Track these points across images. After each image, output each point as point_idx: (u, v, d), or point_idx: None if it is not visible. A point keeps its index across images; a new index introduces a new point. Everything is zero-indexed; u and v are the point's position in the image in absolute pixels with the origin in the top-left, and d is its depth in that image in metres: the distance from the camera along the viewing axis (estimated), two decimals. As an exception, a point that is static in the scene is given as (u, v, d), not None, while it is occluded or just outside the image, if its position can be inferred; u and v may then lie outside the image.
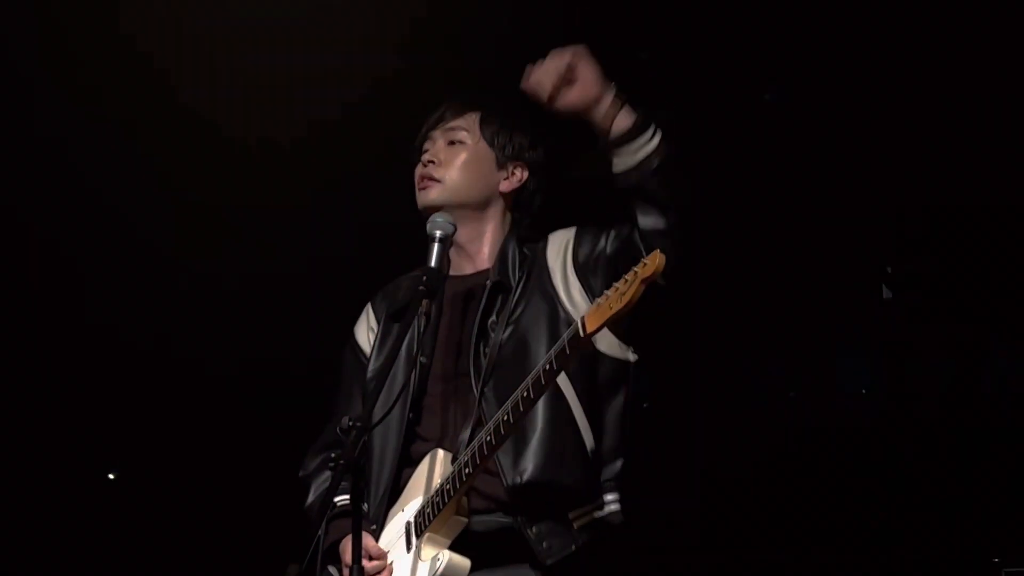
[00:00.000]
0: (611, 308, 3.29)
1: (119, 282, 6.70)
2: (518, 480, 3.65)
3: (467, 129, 3.90)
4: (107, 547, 7.19)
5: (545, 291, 3.80)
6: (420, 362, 3.79)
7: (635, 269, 3.27)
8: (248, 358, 6.95)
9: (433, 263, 3.68)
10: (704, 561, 6.75)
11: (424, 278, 3.63)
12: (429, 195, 3.87)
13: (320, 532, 3.42)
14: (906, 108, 6.19)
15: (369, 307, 4.07)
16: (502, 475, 3.66)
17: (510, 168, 3.94)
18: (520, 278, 3.84)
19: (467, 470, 3.54)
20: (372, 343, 3.99)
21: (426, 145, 3.92)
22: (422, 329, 3.73)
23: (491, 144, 3.91)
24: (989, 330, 6.86)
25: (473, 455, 3.53)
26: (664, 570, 6.58)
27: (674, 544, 6.67)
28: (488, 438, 3.51)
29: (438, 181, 3.87)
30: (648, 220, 3.63)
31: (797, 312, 6.86)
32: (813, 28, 5.76)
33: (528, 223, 3.99)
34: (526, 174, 3.95)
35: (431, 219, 3.76)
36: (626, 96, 3.64)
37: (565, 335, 3.39)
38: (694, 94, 5.95)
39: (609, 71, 3.66)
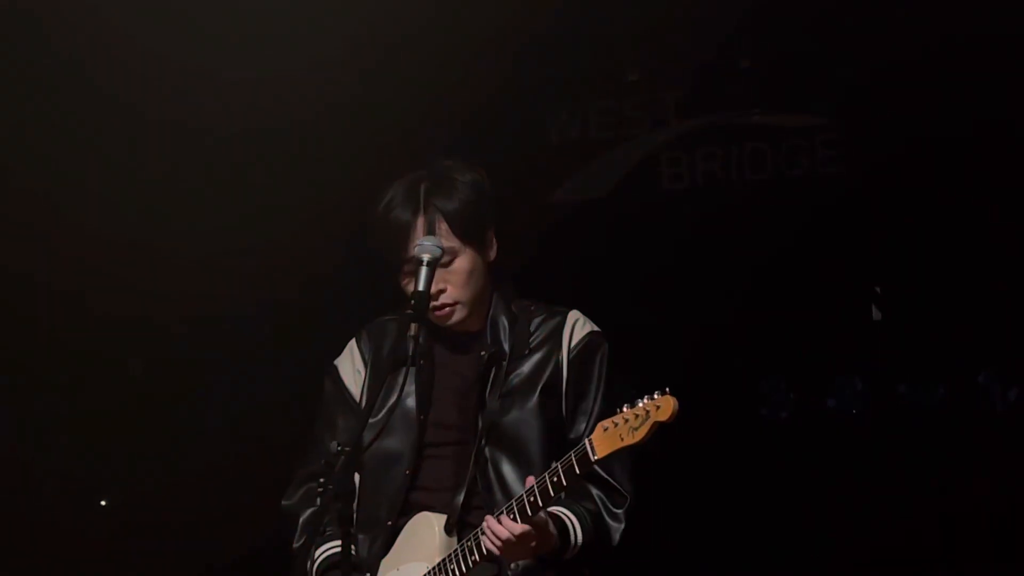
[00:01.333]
0: (622, 440, 3.38)
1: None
2: (513, 567, 3.70)
3: (448, 243, 3.82)
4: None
5: (556, 365, 3.86)
6: (420, 418, 3.83)
7: (646, 406, 3.36)
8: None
9: (421, 287, 3.68)
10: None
11: (412, 302, 3.64)
12: (453, 319, 3.85)
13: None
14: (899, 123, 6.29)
15: (354, 344, 4.05)
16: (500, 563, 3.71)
17: (488, 242, 3.92)
18: (511, 343, 3.88)
19: (473, 556, 3.62)
20: (360, 384, 3.99)
21: (409, 268, 3.83)
22: (413, 364, 3.72)
23: (471, 242, 3.86)
24: (976, 351, 6.87)
25: (477, 543, 3.61)
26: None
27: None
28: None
29: (454, 304, 3.84)
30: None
31: (791, 332, 6.87)
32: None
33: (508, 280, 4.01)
34: (494, 229, 3.94)
35: (419, 242, 3.75)
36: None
37: (573, 452, 3.47)
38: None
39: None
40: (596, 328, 3.92)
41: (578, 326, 3.90)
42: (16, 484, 7.05)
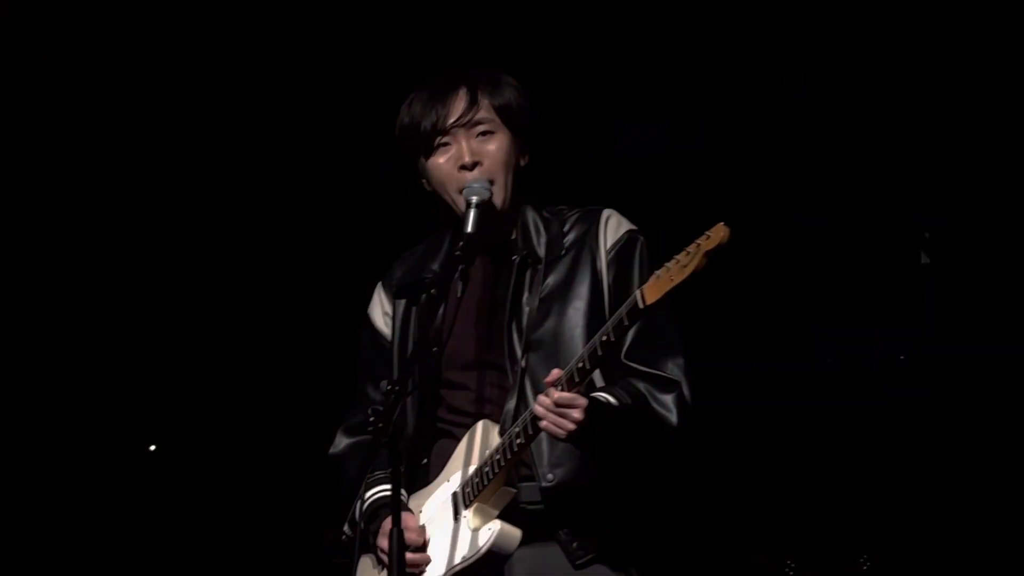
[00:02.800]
0: (672, 280, 3.26)
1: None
2: (550, 478, 3.67)
3: (491, 118, 3.84)
4: (143, 518, 7.25)
5: (593, 264, 3.80)
6: (447, 339, 3.79)
7: (698, 241, 3.23)
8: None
9: (470, 228, 3.68)
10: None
11: (461, 244, 3.64)
12: (487, 194, 3.79)
13: (359, 510, 3.42)
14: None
15: (380, 288, 4.06)
16: (535, 472, 3.67)
17: (523, 142, 3.92)
18: (547, 247, 3.84)
19: (519, 440, 3.55)
20: (391, 325, 3.98)
21: (446, 140, 3.84)
22: (460, 295, 3.72)
23: (509, 124, 3.86)
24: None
25: (525, 426, 3.53)
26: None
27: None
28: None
29: (492, 181, 3.81)
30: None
31: (837, 279, 6.84)
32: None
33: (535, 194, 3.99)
34: (531, 148, 3.95)
35: (468, 185, 3.76)
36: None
37: (623, 306, 3.38)
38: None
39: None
40: (632, 226, 3.87)
41: (612, 224, 3.85)
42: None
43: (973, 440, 6.62)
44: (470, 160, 3.80)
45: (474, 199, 3.72)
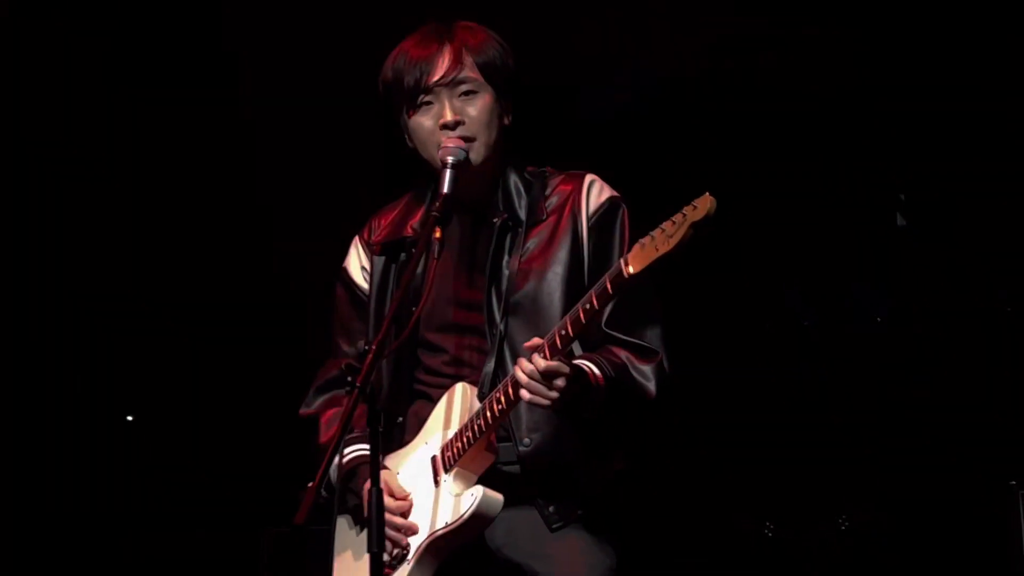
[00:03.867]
0: (657, 250, 3.25)
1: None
2: (527, 442, 3.68)
3: (474, 78, 3.83)
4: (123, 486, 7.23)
5: (574, 230, 3.80)
6: (426, 298, 3.75)
7: (683, 211, 3.22)
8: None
9: (446, 189, 3.69)
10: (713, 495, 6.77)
11: (437, 204, 3.63)
12: (472, 157, 3.81)
13: (335, 461, 3.41)
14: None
15: (358, 242, 4.06)
16: (512, 436, 3.68)
17: (507, 101, 3.91)
18: (528, 210, 3.83)
19: (500, 406, 3.55)
20: (369, 280, 3.98)
21: (429, 98, 3.83)
22: (437, 256, 3.71)
23: (493, 83, 3.86)
24: (998, 255, 6.84)
25: (506, 391, 3.53)
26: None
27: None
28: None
29: (472, 140, 3.81)
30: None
31: (812, 239, 6.84)
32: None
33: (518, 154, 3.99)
34: (515, 108, 3.94)
35: (443, 146, 3.75)
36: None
37: (607, 274, 3.37)
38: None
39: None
40: (614, 192, 3.88)
41: (594, 190, 3.85)
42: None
43: (950, 402, 6.64)
44: (452, 119, 3.79)
45: (450, 159, 3.72)
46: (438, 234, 3.61)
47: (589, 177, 3.88)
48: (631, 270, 3.30)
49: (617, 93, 6.70)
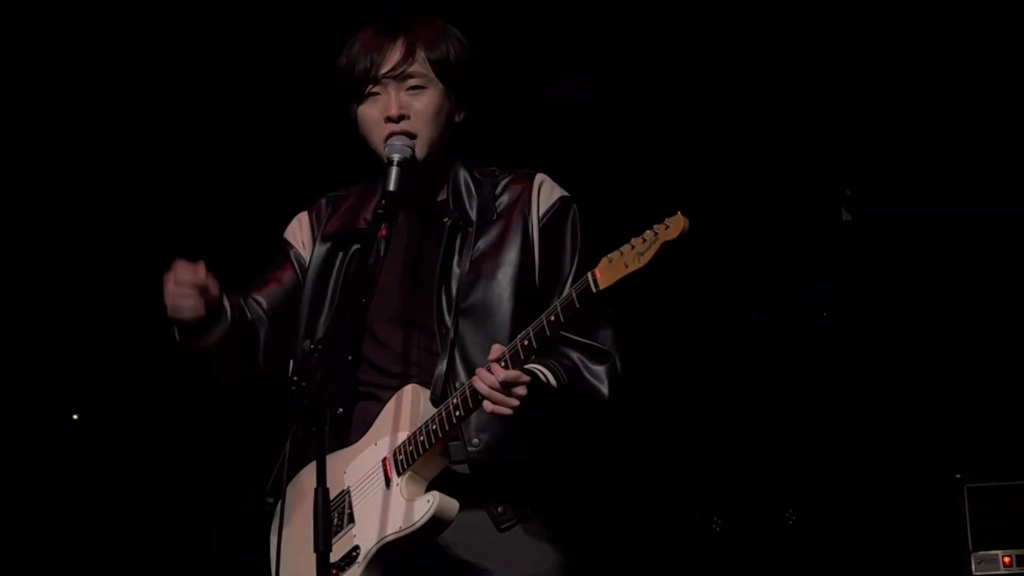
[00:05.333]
0: (627, 267, 3.23)
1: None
2: (476, 442, 3.66)
3: (424, 73, 3.80)
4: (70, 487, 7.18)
5: (524, 230, 3.78)
6: (372, 293, 3.76)
7: (655, 228, 3.21)
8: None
9: (392, 187, 3.66)
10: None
11: (383, 202, 3.62)
12: (408, 152, 3.77)
13: (285, 453, 3.39)
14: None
15: (305, 217, 4.02)
16: (461, 435, 3.66)
17: (457, 97, 3.88)
18: (478, 210, 3.81)
19: (458, 412, 3.53)
20: (308, 264, 3.95)
21: (376, 89, 3.80)
22: (383, 253, 3.69)
23: (444, 79, 3.83)
24: (947, 252, 6.89)
25: (464, 399, 3.51)
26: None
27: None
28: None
29: (413, 136, 3.78)
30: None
31: (758, 234, 6.86)
32: None
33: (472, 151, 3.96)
34: (469, 103, 3.91)
35: (389, 143, 3.73)
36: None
37: (574, 287, 3.36)
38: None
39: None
40: (565, 192, 3.86)
41: (545, 190, 3.83)
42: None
43: (898, 393, 6.69)
44: (395, 112, 3.77)
45: (396, 156, 3.70)
46: (384, 232, 3.60)
47: (539, 177, 3.86)
48: (599, 286, 3.29)
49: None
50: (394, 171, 3.68)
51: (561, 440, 3.80)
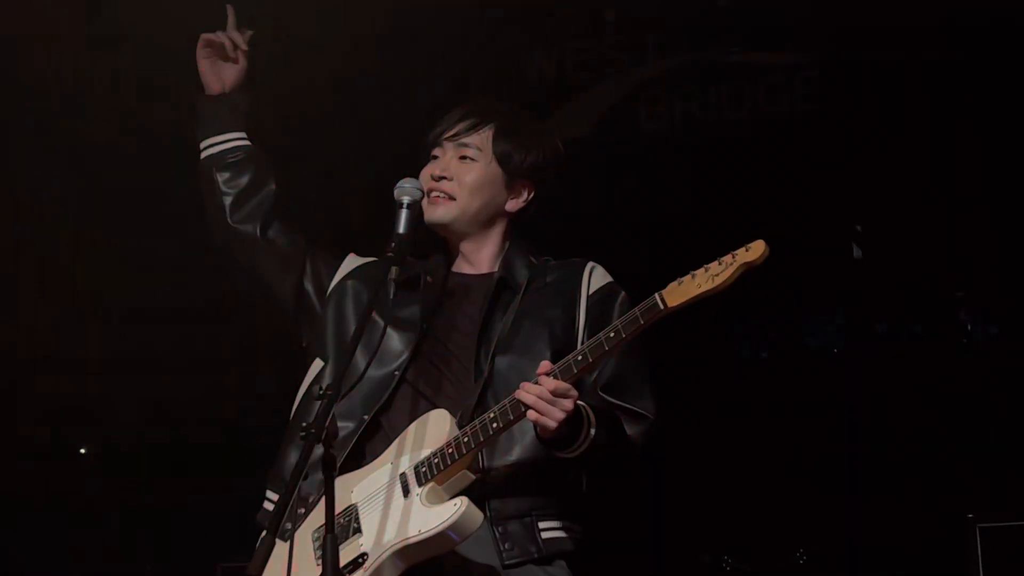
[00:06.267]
0: (699, 287, 3.24)
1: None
2: (494, 470, 3.64)
3: (480, 147, 3.83)
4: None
5: (572, 304, 3.79)
6: (418, 329, 3.75)
7: (734, 253, 3.22)
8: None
9: (401, 229, 3.66)
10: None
11: (392, 244, 3.61)
12: (437, 211, 3.81)
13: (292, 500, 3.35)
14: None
15: (353, 256, 4.01)
16: (480, 460, 3.64)
17: (518, 187, 3.90)
18: (528, 278, 3.83)
19: (495, 424, 3.49)
20: (327, 284, 3.96)
21: (436, 152, 3.87)
22: (392, 296, 3.67)
23: (502, 164, 3.85)
24: (956, 288, 6.87)
25: (504, 410, 3.48)
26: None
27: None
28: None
29: (451, 199, 3.81)
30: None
31: (767, 272, 6.83)
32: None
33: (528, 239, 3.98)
34: (532, 193, 3.91)
35: (399, 185, 3.73)
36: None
37: (639, 307, 3.36)
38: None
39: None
40: (613, 280, 3.87)
41: (596, 274, 3.86)
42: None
43: (908, 431, 6.66)
44: (439, 173, 3.81)
45: (405, 199, 3.70)
46: (393, 274, 3.58)
47: (591, 264, 3.89)
48: (667, 305, 3.30)
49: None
50: (403, 213, 3.68)
51: (576, 484, 3.78)
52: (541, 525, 3.68)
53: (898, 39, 6.49)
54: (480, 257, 3.90)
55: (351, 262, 4.01)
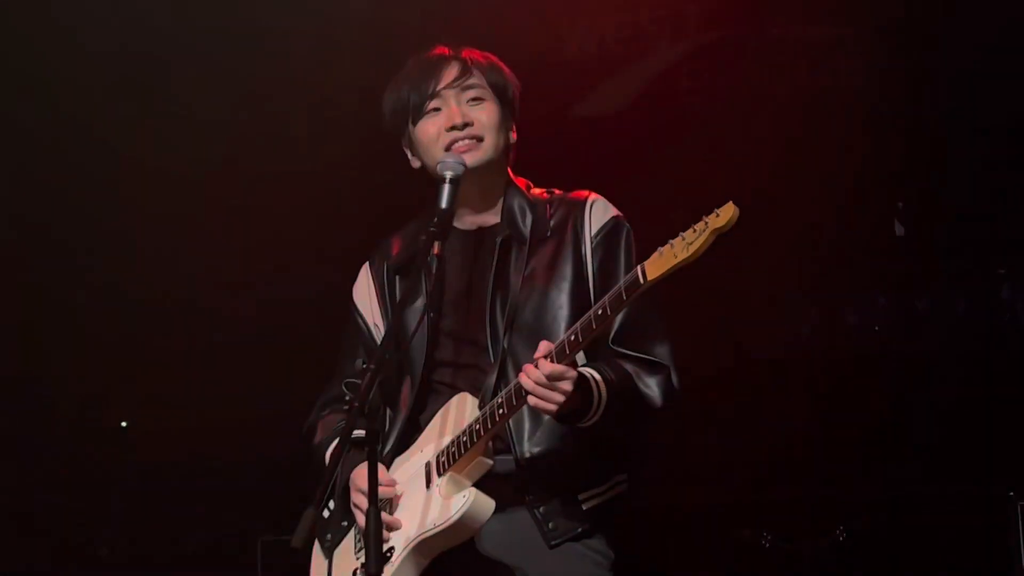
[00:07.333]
0: (676, 257, 3.24)
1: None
2: (528, 455, 3.65)
3: (482, 85, 3.86)
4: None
5: (577, 248, 3.79)
6: (429, 315, 3.78)
7: (706, 219, 3.21)
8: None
9: (445, 204, 3.67)
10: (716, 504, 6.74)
11: (435, 219, 3.61)
12: (476, 156, 3.81)
13: (337, 472, 3.39)
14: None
15: (367, 267, 4.06)
16: (513, 447, 3.64)
17: (511, 117, 3.94)
18: (531, 228, 3.81)
19: (501, 411, 3.52)
20: (372, 303, 3.99)
21: (436, 104, 3.84)
22: (433, 270, 3.69)
23: (502, 102, 3.88)
24: (999, 263, 6.82)
25: (509, 397, 3.50)
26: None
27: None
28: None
29: (480, 140, 3.82)
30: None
31: (810, 249, 6.81)
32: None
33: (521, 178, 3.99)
34: (515, 126, 3.96)
35: (442, 160, 3.73)
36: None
37: (623, 280, 3.36)
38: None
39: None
40: (618, 212, 3.87)
41: (597, 209, 3.84)
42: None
43: (952, 408, 6.63)
44: (461, 120, 3.79)
45: (448, 174, 3.71)
46: (436, 250, 3.59)
47: (592, 197, 3.88)
48: (648, 277, 3.29)
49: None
50: (447, 188, 3.69)
51: (613, 458, 3.78)
52: (581, 497, 3.69)
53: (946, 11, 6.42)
54: (487, 202, 3.89)
55: (366, 269, 4.06)
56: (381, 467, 3.73)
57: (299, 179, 6.67)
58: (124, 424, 7.42)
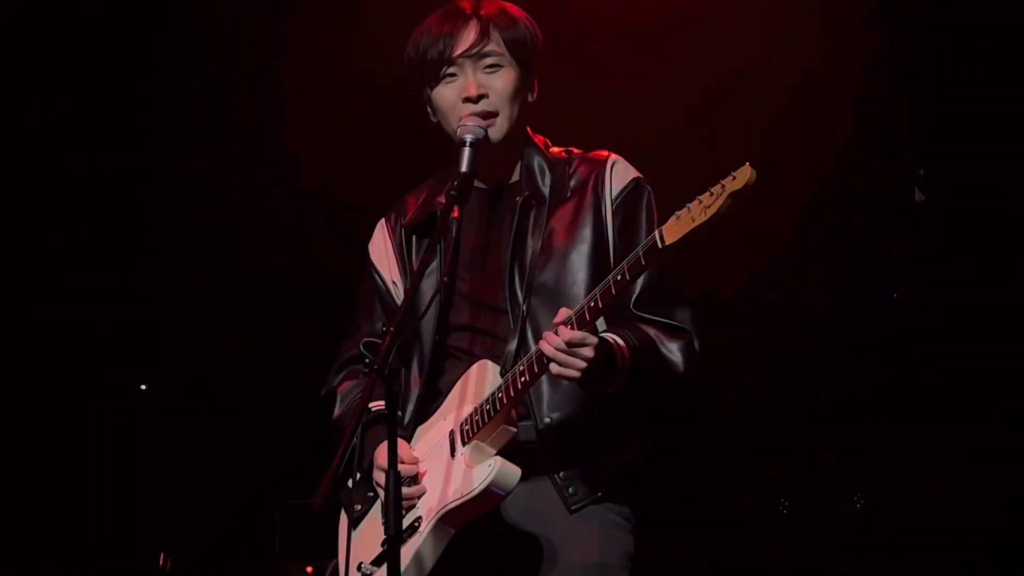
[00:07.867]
0: (693, 220, 3.20)
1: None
2: (548, 421, 3.64)
3: (500, 52, 3.80)
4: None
5: (597, 210, 3.76)
6: (444, 281, 3.77)
7: (723, 182, 3.18)
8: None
9: (465, 168, 3.65)
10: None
11: (456, 183, 3.59)
12: (494, 132, 3.78)
13: (355, 439, 3.37)
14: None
15: (383, 224, 4.04)
16: (532, 413, 3.63)
17: (532, 77, 3.89)
18: (551, 188, 3.79)
19: (523, 378, 3.50)
20: (390, 260, 3.97)
21: (452, 70, 3.80)
22: (454, 235, 3.67)
23: (521, 64, 3.83)
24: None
25: (530, 364, 3.49)
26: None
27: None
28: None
29: (495, 115, 3.78)
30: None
31: (829, 215, 6.79)
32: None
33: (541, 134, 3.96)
34: (536, 82, 3.92)
35: (462, 124, 3.72)
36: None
37: (641, 246, 3.33)
38: None
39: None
40: (638, 173, 3.84)
41: (618, 170, 3.82)
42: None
43: (970, 379, 6.60)
44: (475, 93, 3.76)
45: (468, 137, 3.70)
46: (456, 213, 3.58)
47: (612, 158, 3.85)
48: (666, 242, 3.26)
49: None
50: (467, 152, 3.67)
51: (634, 423, 3.77)
52: (602, 461, 3.69)
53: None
54: (505, 160, 3.86)
55: (382, 226, 4.04)
56: (404, 444, 3.73)
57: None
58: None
